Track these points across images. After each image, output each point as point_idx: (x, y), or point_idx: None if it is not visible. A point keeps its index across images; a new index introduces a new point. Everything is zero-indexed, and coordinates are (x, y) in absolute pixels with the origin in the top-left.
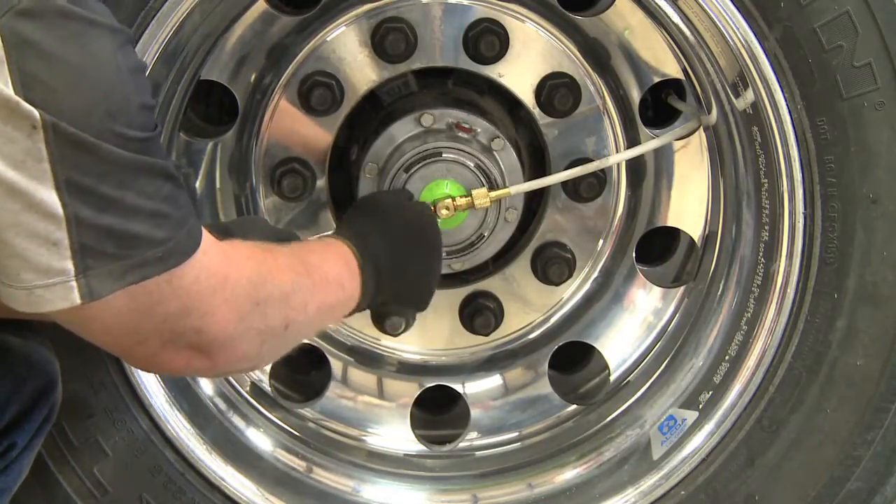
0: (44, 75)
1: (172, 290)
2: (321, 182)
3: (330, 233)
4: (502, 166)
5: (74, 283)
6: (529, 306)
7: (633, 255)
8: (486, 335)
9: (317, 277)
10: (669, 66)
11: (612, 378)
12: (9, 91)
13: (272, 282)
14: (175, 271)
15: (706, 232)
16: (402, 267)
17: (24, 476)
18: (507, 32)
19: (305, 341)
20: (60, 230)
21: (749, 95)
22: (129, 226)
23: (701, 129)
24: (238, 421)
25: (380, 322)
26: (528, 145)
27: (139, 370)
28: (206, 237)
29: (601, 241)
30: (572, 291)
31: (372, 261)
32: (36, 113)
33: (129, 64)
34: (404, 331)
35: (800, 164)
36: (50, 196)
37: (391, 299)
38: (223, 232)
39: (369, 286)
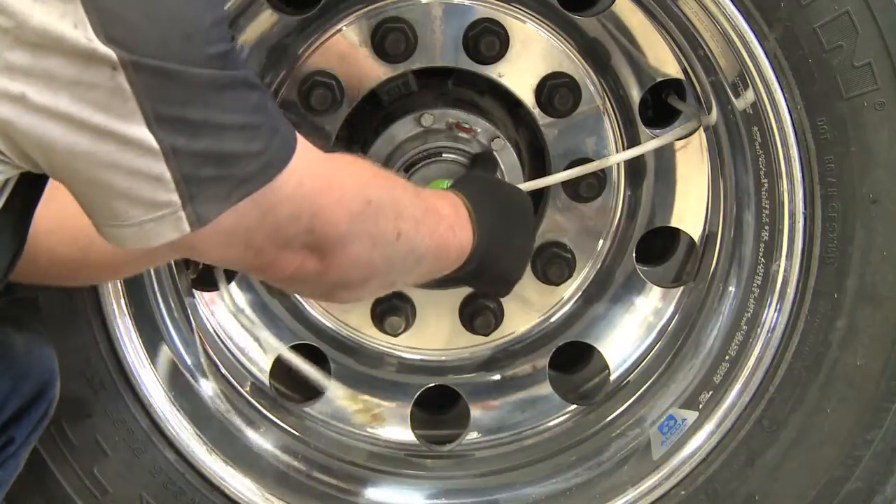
0: (117, 9)
1: (277, 199)
2: None
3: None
4: (502, 166)
5: (182, 213)
6: (529, 306)
7: (633, 255)
8: (486, 335)
9: (428, 204)
10: (669, 66)
11: (612, 378)
12: (83, 39)
13: (381, 187)
14: (277, 180)
15: (706, 232)
16: (507, 241)
17: (19, 471)
18: (507, 32)
19: (304, 340)
20: (160, 164)
21: (749, 95)
22: (224, 145)
23: (701, 129)
24: (238, 421)
25: (380, 322)
26: (528, 145)
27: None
28: (302, 142)
29: (601, 241)
30: (572, 291)
31: (484, 222)
32: (113, 54)
33: None
34: (404, 331)
35: (800, 164)
36: (143, 132)
37: (486, 271)
38: None
39: (479, 246)
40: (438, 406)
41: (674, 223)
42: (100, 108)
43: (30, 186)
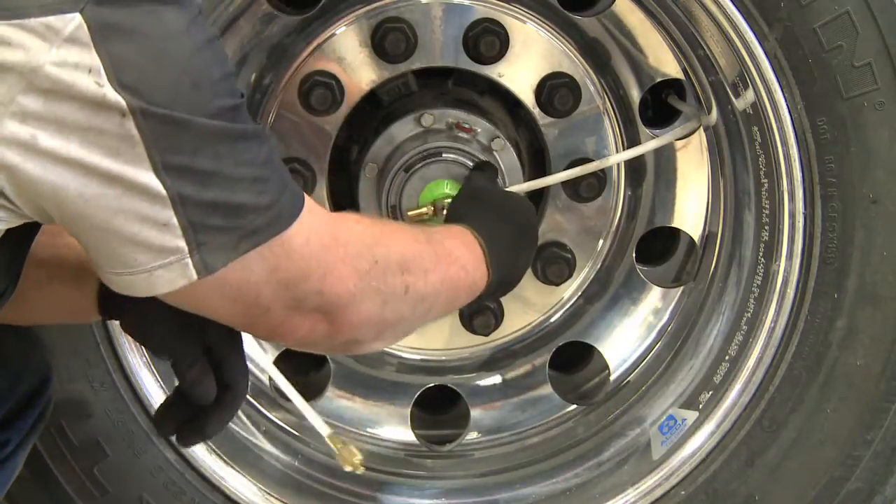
0: (129, 57)
1: (286, 254)
2: (321, 182)
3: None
4: (502, 166)
5: (189, 260)
6: (529, 306)
7: (633, 255)
8: (486, 335)
9: (440, 251)
10: (669, 66)
11: (612, 378)
12: (94, 86)
13: (387, 244)
14: (285, 234)
15: (706, 232)
16: (515, 260)
17: (18, 472)
18: (507, 32)
19: None
20: (167, 210)
21: (749, 96)
22: (233, 196)
23: (701, 128)
24: (238, 421)
25: None
26: (528, 145)
27: (264, 339)
28: (309, 200)
29: (601, 241)
30: (572, 291)
31: (498, 255)
32: (123, 101)
33: (205, 35)
34: None
35: (800, 164)
36: (150, 178)
37: (497, 290)
38: None
39: (493, 278)
40: (438, 406)
41: (674, 223)
42: (109, 153)
43: (21, 234)
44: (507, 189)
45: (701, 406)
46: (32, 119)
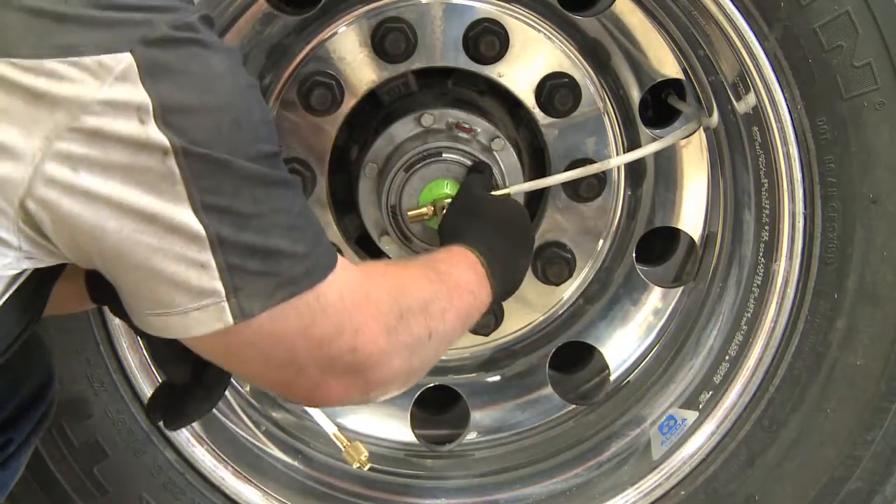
0: (175, 97)
1: (321, 308)
2: (321, 182)
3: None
4: (502, 166)
5: (226, 304)
6: (529, 306)
7: (633, 255)
8: (486, 335)
9: (450, 284)
10: (669, 66)
11: (612, 378)
12: (139, 125)
13: (410, 293)
14: (320, 288)
15: (706, 232)
16: (514, 269)
17: (21, 472)
18: (507, 32)
19: None
20: (205, 251)
21: (750, 99)
22: (270, 241)
23: (701, 129)
24: (238, 421)
25: None
26: (528, 145)
27: (272, 391)
28: (341, 259)
29: (601, 241)
30: (572, 291)
31: (498, 269)
32: (166, 140)
33: (246, 80)
34: None
35: (800, 164)
36: (189, 217)
37: (499, 300)
38: None
39: (497, 289)
40: (438, 406)
41: (674, 223)
42: (150, 191)
43: (47, 273)
44: (503, 191)
45: (701, 406)
46: (76, 155)
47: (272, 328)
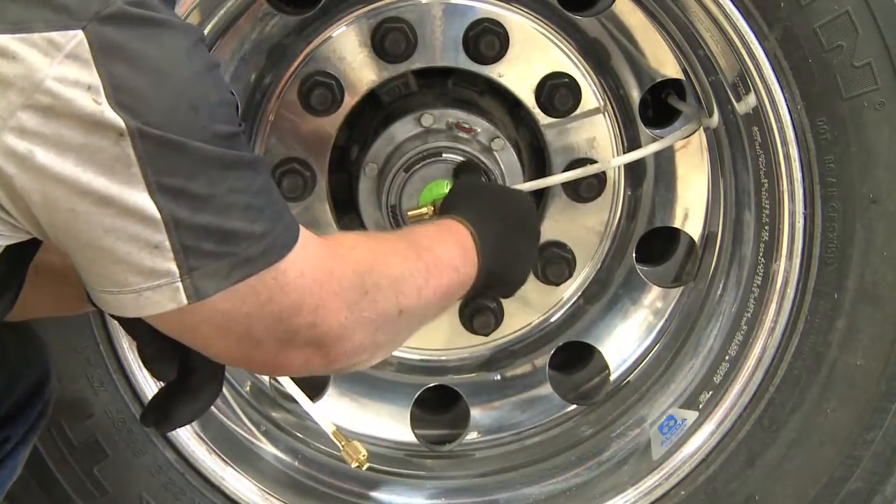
0: (129, 78)
1: (279, 287)
2: (321, 182)
3: (447, 216)
4: (502, 166)
5: (180, 284)
6: (529, 306)
7: (633, 255)
8: (486, 335)
9: (429, 261)
10: (669, 66)
11: (612, 378)
12: (93, 104)
13: (379, 269)
14: (279, 266)
15: (706, 232)
16: (512, 254)
17: (19, 471)
18: (507, 32)
19: None
20: (160, 232)
21: (751, 100)
22: (226, 222)
23: (701, 129)
24: (238, 421)
25: None
26: (528, 145)
27: (247, 369)
28: (304, 231)
29: (601, 241)
30: (572, 291)
31: (490, 245)
32: (121, 121)
33: (205, 61)
34: None
35: (800, 164)
36: (144, 199)
37: (492, 286)
38: None
39: (484, 271)
40: (438, 406)
41: (674, 223)
42: (104, 171)
43: (20, 252)
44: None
45: (701, 406)
46: (30, 134)
47: (228, 307)
